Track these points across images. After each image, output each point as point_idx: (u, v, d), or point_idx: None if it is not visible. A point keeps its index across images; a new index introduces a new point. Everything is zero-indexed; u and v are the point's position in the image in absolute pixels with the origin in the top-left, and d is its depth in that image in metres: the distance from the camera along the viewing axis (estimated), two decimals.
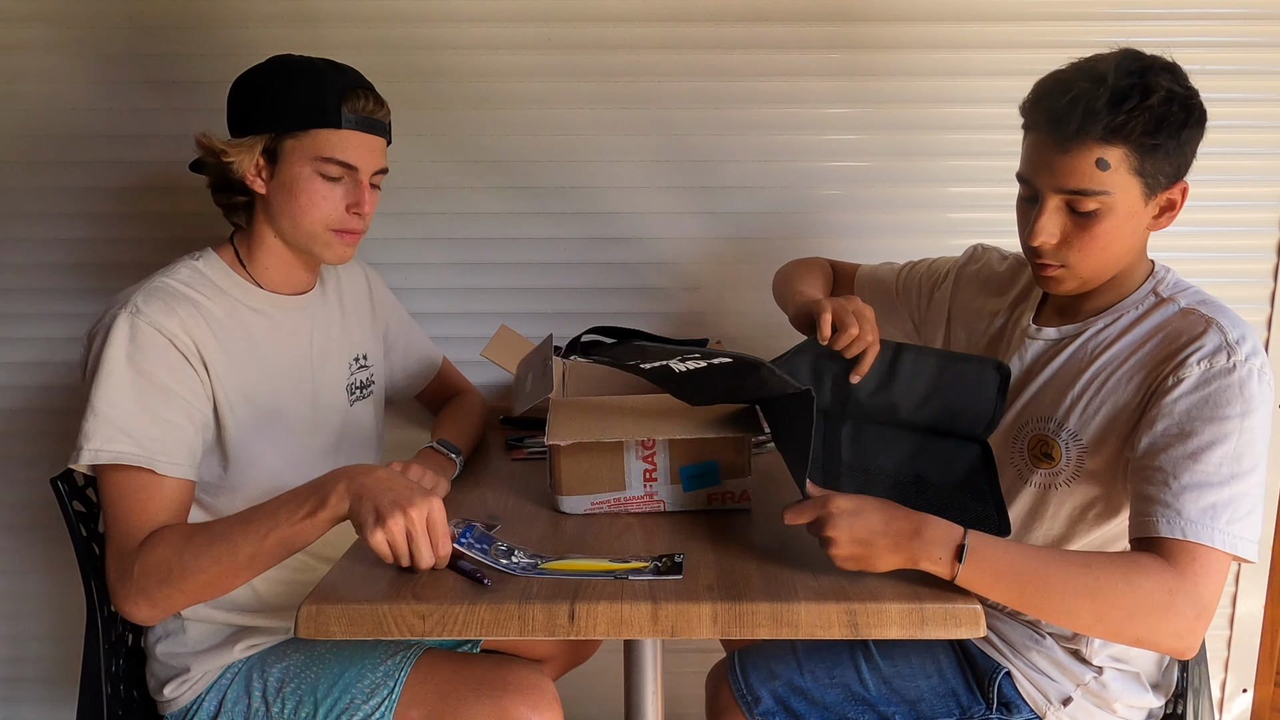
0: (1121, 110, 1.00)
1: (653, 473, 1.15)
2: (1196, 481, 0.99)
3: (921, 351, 1.15)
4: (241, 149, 1.20)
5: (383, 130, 1.26)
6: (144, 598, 1.05)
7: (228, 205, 1.26)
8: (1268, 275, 1.74)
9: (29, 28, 1.65)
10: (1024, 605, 0.97)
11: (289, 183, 1.21)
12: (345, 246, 1.26)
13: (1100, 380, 1.12)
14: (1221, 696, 1.89)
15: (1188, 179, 1.08)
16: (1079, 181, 1.04)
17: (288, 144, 1.20)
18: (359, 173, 1.23)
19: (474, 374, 1.67)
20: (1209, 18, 1.65)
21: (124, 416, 1.08)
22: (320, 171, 1.21)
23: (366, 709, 1.16)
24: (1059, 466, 1.14)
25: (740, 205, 1.72)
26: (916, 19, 1.65)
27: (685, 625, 0.92)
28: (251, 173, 1.21)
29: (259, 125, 1.20)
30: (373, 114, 1.23)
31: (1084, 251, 1.08)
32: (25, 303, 1.74)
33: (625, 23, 1.66)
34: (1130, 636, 0.98)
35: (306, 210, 1.21)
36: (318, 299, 1.36)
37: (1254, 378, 1.02)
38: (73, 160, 1.69)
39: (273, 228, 1.25)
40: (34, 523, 1.82)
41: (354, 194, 1.24)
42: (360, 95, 1.22)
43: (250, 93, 1.22)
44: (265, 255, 1.27)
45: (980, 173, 1.70)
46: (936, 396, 1.13)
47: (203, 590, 1.05)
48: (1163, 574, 0.96)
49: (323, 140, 1.20)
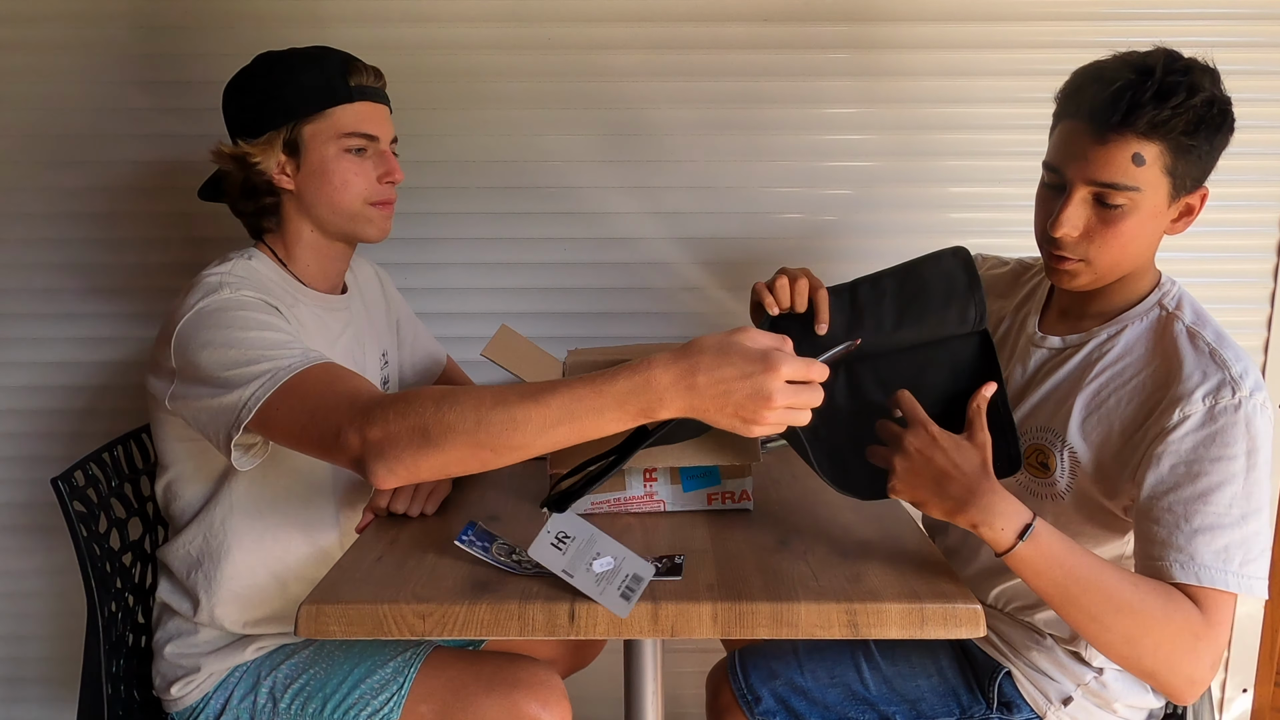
0: (1167, 105, 0.99)
1: (653, 473, 1.15)
2: (1208, 524, 0.99)
3: (875, 278, 1.10)
4: (264, 147, 1.20)
5: (386, 99, 1.29)
6: (392, 453, 0.90)
7: (255, 212, 1.25)
8: (1268, 275, 1.74)
9: (28, 27, 1.65)
10: (1063, 601, 0.97)
11: (319, 168, 1.21)
12: (384, 219, 1.27)
13: (1102, 397, 1.11)
14: (1221, 696, 1.89)
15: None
16: (1112, 174, 1.02)
17: (307, 131, 1.20)
18: (380, 142, 1.24)
19: (474, 374, 1.67)
20: (1210, 18, 1.65)
21: (272, 341, 1.05)
22: (346, 147, 1.21)
23: (375, 704, 1.16)
24: (1054, 478, 1.14)
25: (741, 205, 1.72)
26: (920, 19, 1.65)
27: (685, 625, 0.92)
28: (277, 170, 1.21)
29: (273, 120, 1.20)
30: (374, 84, 1.25)
31: (1104, 247, 1.06)
32: (26, 303, 1.74)
33: (625, 23, 1.66)
34: (1147, 667, 0.98)
35: (342, 190, 1.22)
36: (356, 298, 1.37)
37: (1258, 414, 1.01)
38: (73, 160, 1.69)
39: (309, 220, 1.25)
40: (34, 523, 1.82)
41: (383, 163, 1.25)
42: (360, 69, 1.24)
43: (252, 93, 1.22)
44: (304, 251, 1.27)
45: (984, 173, 1.70)
46: (911, 310, 1.08)
47: (451, 460, 0.90)
48: (1193, 617, 0.97)
49: (340, 117, 1.21)
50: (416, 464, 0.90)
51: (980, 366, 1.08)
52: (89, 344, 1.75)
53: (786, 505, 1.19)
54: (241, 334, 1.06)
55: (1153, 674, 0.98)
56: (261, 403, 1.00)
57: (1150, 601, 0.96)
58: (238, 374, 1.03)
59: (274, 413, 1.00)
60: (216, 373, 1.04)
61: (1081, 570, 0.96)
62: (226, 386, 1.03)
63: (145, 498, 1.39)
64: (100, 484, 1.28)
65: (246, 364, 1.03)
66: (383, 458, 0.91)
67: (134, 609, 1.32)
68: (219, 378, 1.04)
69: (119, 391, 1.76)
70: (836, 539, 1.07)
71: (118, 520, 1.30)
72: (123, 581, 1.29)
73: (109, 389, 1.76)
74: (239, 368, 1.03)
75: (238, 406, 1.01)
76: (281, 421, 1.00)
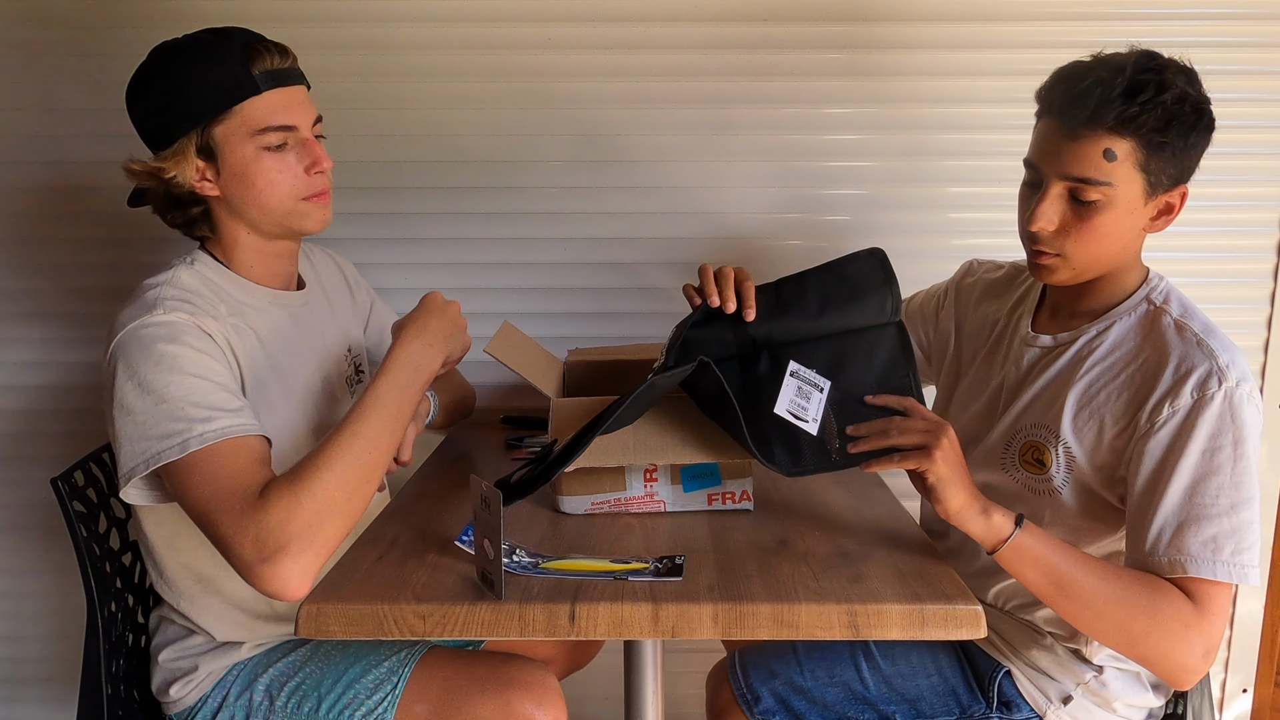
0: (1135, 102, 1.01)
1: (653, 473, 1.15)
2: (1196, 515, 1.01)
3: (798, 275, 1.17)
4: (176, 159, 1.12)
5: (300, 78, 1.18)
6: (288, 561, 0.96)
7: (185, 223, 1.19)
8: (1267, 275, 1.74)
9: (25, 28, 1.64)
10: (1057, 591, 1.01)
11: (239, 170, 1.13)
12: (322, 209, 1.20)
13: (1092, 392, 1.12)
14: (1221, 696, 1.89)
15: (1190, 186, 1.08)
16: (1084, 169, 1.04)
17: (218, 132, 1.12)
18: (299, 130, 1.16)
19: (475, 374, 1.67)
20: (1209, 18, 1.65)
21: (205, 396, 1.03)
22: (264, 145, 1.13)
23: (370, 704, 1.16)
24: (1050, 473, 1.14)
25: (741, 205, 1.72)
26: (919, 19, 1.65)
27: (685, 626, 0.92)
28: (196, 177, 1.14)
29: (179, 126, 1.12)
30: (282, 66, 1.15)
31: (1080, 241, 1.08)
32: (26, 302, 1.74)
33: (625, 23, 1.65)
34: (1142, 655, 1.02)
35: (268, 191, 1.15)
36: (315, 292, 1.34)
37: (1244, 404, 1.02)
38: (72, 160, 1.69)
39: (243, 223, 1.19)
40: (34, 523, 1.82)
41: (306, 154, 1.17)
42: (262, 52, 1.13)
43: (152, 97, 1.13)
44: (244, 254, 1.21)
45: (982, 173, 1.70)
46: (831, 300, 1.14)
47: (341, 524, 1.00)
48: (1183, 607, 1.00)
49: (249, 112, 1.12)
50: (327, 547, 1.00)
51: (895, 354, 1.13)
52: (88, 344, 1.75)
53: (787, 505, 1.19)
54: (166, 379, 1.03)
55: (1150, 661, 1.03)
56: (158, 466, 1.02)
57: (1136, 590, 1.00)
58: (148, 423, 1.02)
59: (172, 476, 1.02)
60: (132, 411, 1.03)
61: (1072, 559, 1.01)
62: (134, 432, 1.03)
63: None
64: (100, 484, 1.28)
65: (165, 419, 1.02)
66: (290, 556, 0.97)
67: (134, 609, 1.32)
68: (132, 417, 1.03)
69: None
70: (837, 539, 1.07)
71: (117, 520, 1.30)
72: (122, 581, 1.29)
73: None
74: (157, 420, 1.02)
75: (135, 456, 1.02)
76: (192, 478, 1.01)
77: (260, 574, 0.96)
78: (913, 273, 1.54)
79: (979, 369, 1.29)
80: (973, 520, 1.00)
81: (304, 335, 1.28)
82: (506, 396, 1.77)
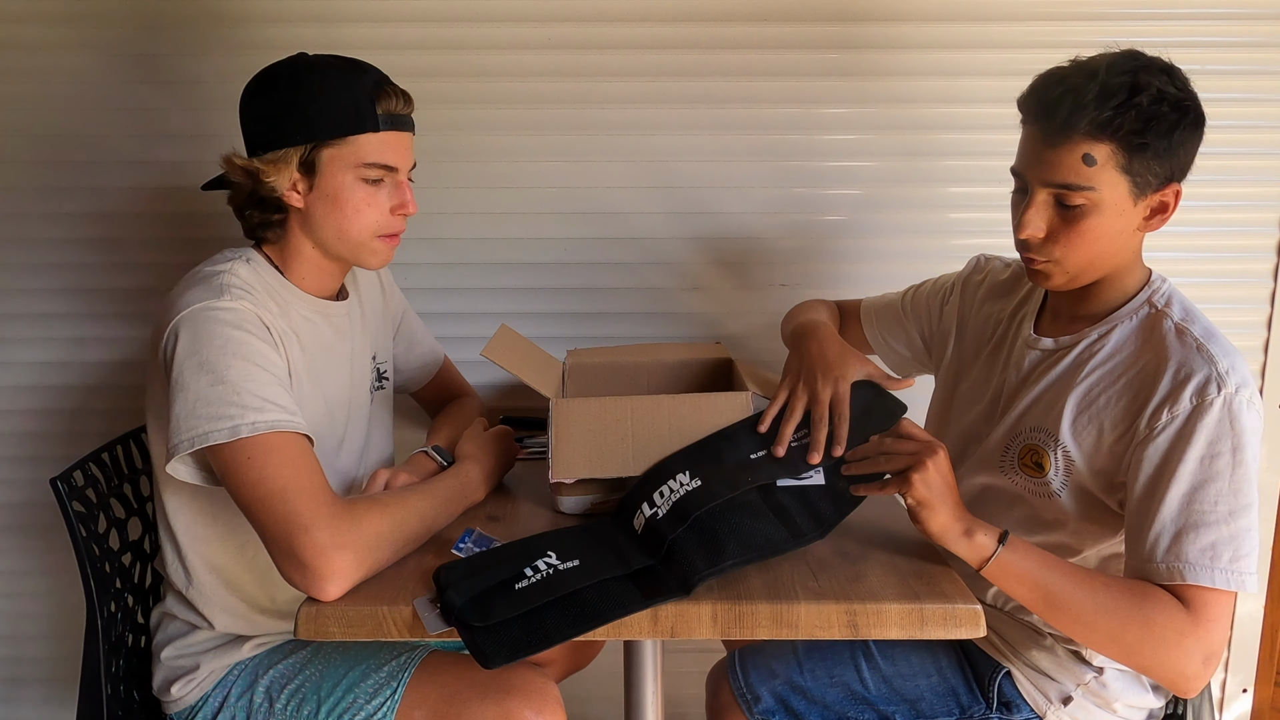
0: (1108, 106, 1.00)
1: None
2: (1194, 522, 1.00)
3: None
4: (277, 165, 1.15)
5: (412, 125, 1.23)
6: (356, 563, 0.99)
7: (260, 224, 1.21)
8: (1268, 275, 1.74)
9: (33, 26, 1.64)
10: (1047, 605, 1.01)
11: (332, 194, 1.17)
12: (389, 250, 1.23)
13: (1092, 396, 1.11)
14: (1221, 696, 1.89)
15: (1186, 182, 1.08)
16: (1065, 176, 1.04)
17: (326, 154, 1.15)
18: (398, 173, 1.20)
19: (474, 374, 1.67)
20: (1209, 18, 1.65)
21: (262, 387, 1.05)
22: (363, 177, 1.17)
23: (369, 709, 1.16)
24: (1049, 478, 1.14)
25: (741, 205, 1.72)
26: (915, 19, 1.65)
27: (685, 626, 0.92)
28: (288, 187, 1.16)
29: (292, 137, 1.15)
30: (403, 111, 1.20)
31: (1070, 246, 1.08)
32: (26, 303, 1.74)
33: (625, 23, 1.65)
34: (1139, 664, 1.02)
35: (353, 219, 1.18)
36: (355, 304, 1.35)
37: (1244, 410, 1.02)
38: (75, 160, 1.69)
39: (311, 239, 1.21)
40: (34, 523, 1.82)
41: (398, 195, 1.20)
42: (390, 94, 1.18)
43: (276, 102, 1.16)
44: (301, 264, 1.23)
45: (981, 173, 1.70)
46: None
47: (389, 559, 1.05)
48: (1175, 614, 0.99)
49: (364, 146, 1.15)
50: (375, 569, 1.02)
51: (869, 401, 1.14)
52: (88, 344, 1.75)
53: None
54: (228, 362, 1.05)
55: (1148, 669, 1.02)
56: (208, 445, 1.03)
57: (1125, 600, 0.99)
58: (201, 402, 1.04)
59: (219, 459, 1.04)
60: (186, 388, 1.05)
61: (1060, 572, 1.01)
62: (185, 409, 1.04)
63: (145, 498, 1.38)
64: (99, 484, 1.28)
65: (219, 401, 1.04)
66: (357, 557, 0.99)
67: (133, 609, 1.32)
68: (186, 394, 1.05)
69: (117, 391, 1.76)
70: (836, 539, 1.07)
71: (117, 520, 1.30)
72: (122, 581, 1.29)
73: (107, 389, 1.76)
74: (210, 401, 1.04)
75: (183, 432, 1.04)
76: (246, 466, 1.03)
77: (330, 558, 0.97)
78: (909, 273, 1.55)
79: (981, 369, 1.29)
80: (955, 541, 1.00)
81: (340, 344, 1.29)
82: (506, 396, 1.78)
